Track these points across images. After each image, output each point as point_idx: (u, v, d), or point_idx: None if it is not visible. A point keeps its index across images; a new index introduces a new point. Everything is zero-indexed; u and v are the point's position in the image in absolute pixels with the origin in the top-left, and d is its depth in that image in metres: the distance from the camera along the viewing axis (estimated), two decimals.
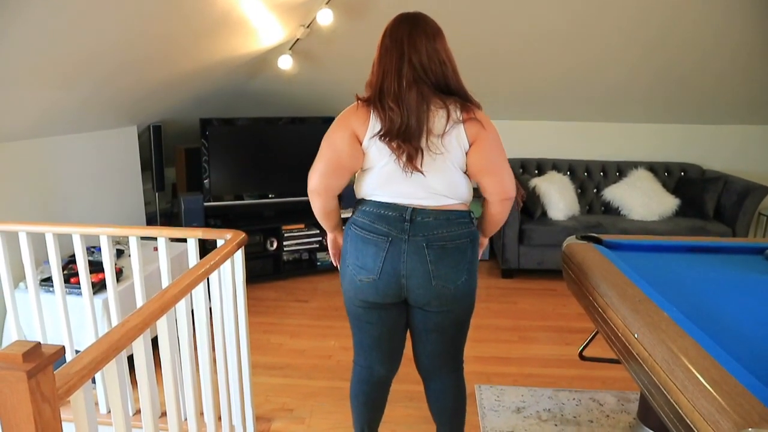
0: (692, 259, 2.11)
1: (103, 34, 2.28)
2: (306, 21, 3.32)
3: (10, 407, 0.90)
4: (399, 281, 1.69)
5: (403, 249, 1.67)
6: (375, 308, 1.78)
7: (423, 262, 1.67)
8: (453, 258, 1.69)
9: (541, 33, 3.51)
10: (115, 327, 1.24)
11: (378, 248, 1.68)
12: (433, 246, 1.66)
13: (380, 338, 1.86)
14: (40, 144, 2.85)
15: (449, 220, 1.68)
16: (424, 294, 1.71)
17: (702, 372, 1.17)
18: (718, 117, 4.58)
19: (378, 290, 1.72)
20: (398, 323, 1.85)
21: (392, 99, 1.60)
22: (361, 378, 1.95)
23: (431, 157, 1.64)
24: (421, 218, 1.66)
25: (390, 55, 1.63)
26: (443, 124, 1.62)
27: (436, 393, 1.95)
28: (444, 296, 1.71)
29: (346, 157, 1.68)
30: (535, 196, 4.22)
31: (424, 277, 1.68)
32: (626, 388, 2.66)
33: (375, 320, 1.81)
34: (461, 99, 1.66)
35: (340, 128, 1.68)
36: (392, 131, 1.60)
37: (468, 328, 1.89)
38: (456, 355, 1.92)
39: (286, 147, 4.17)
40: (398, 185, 1.67)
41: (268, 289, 4.03)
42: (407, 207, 1.67)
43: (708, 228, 4.06)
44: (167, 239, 2.16)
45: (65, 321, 2.30)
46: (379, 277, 1.69)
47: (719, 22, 3.32)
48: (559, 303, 3.78)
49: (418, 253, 1.66)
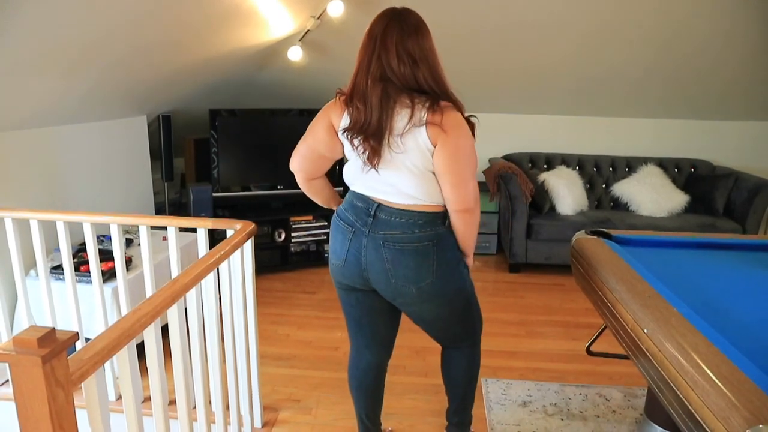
0: (702, 256, 2.10)
1: (113, 22, 2.29)
2: (317, 12, 3.31)
3: (26, 391, 0.91)
4: (361, 272, 1.74)
5: (363, 242, 1.70)
6: (351, 291, 1.84)
7: (381, 260, 1.69)
8: (413, 260, 1.67)
9: (557, 28, 3.48)
10: (127, 314, 1.24)
11: (344, 236, 1.75)
12: (389, 246, 1.67)
13: (361, 321, 1.91)
14: (51, 133, 2.86)
15: (410, 222, 1.66)
16: (385, 289, 1.74)
17: (712, 368, 1.16)
18: (729, 113, 4.55)
19: (344, 275, 1.79)
20: (378, 309, 1.86)
21: (359, 97, 1.62)
22: (353, 362, 2.02)
23: (391, 155, 1.63)
24: (384, 215, 1.68)
25: (365, 50, 1.64)
26: (404, 124, 1.59)
27: (446, 360, 2.01)
28: (407, 295, 1.72)
29: (323, 146, 1.75)
30: (544, 191, 4.20)
31: (383, 274, 1.70)
32: (633, 384, 2.66)
33: (353, 302, 1.87)
34: (431, 97, 1.59)
35: (321, 118, 1.74)
36: (355, 128, 1.63)
37: (467, 317, 1.88)
38: (459, 337, 1.94)
39: (295, 138, 4.12)
40: (367, 179, 1.70)
41: (276, 280, 4.05)
42: (374, 202, 1.70)
43: (718, 225, 4.04)
44: (177, 229, 2.17)
45: (75, 309, 2.32)
46: (344, 264, 1.76)
47: (733, 19, 3.29)
48: (566, 298, 3.77)
49: (377, 250, 1.68)
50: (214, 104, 4.19)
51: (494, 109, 4.72)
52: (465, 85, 4.41)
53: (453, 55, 3.92)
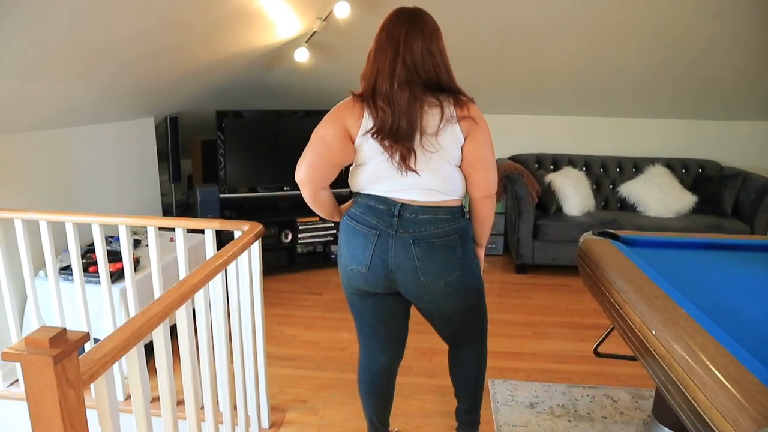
0: (710, 256, 2.09)
1: (122, 24, 2.30)
2: (323, 14, 3.32)
3: (37, 391, 0.92)
4: (388, 274, 1.72)
5: (390, 244, 1.69)
6: (369, 296, 1.81)
7: (410, 259, 1.68)
8: (442, 255, 1.69)
9: (564, 29, 3.48)
10: (136, 315, 1.25)
11: (367, 240, 1.71)
12: (420, 243, 1.67)
13: (376, 326, 1.90)
14: (59, 135, 2.88)
15: (437, 218, 1.68)
16: (413, 288, 1.73)
17: (721, 369, 1.16)
18: (736, 113, 4.52)
19: (368, 281, 1.75)
20: (394, 312, 1.87)
21: (383, 99, 1.61)
22: (364, 366, 2.00)
23: (426, 156, 1.64)
24: (409, 214, 1.68)
25: (384, 53, 1.63)
26: (437, 123, 1.61)
27: (456, 359, 2.02)
28: (434, 291, 1.73)
29: (335, 152, 1.69)
30: (551, 192, 4.20)
31: (412, 273, 1.69)
32: (641, 385, 2.65)
33: (370, 308, 1.85)
34: (454, 95, 1.65)
35: (331, 123, 1.69)
36: (384, 130, 1.61)
37: (480, 313, 1.92)
38: (471, 334, 1.95)
39: (302, 140, 4.14)
40: (390, 181, 1.68)
41: (282, 281, 4.06)
42: (396, 202, 1.69)
43: (725, 225, 4.02)
44: (185, 230, 2.18)
45: (84, 309, 2.33)
46: (369, 269, 1.72)
47: (739, 19, 3.27)
48: (573, 299, 3.76)
49: (406, 249, 1.68)
50: (221, 106, 4.21)
51: (501, 110, 4.71)
52: (472, 87, 4.40)
53: (461, 57, 3.92)
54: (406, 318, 1.94)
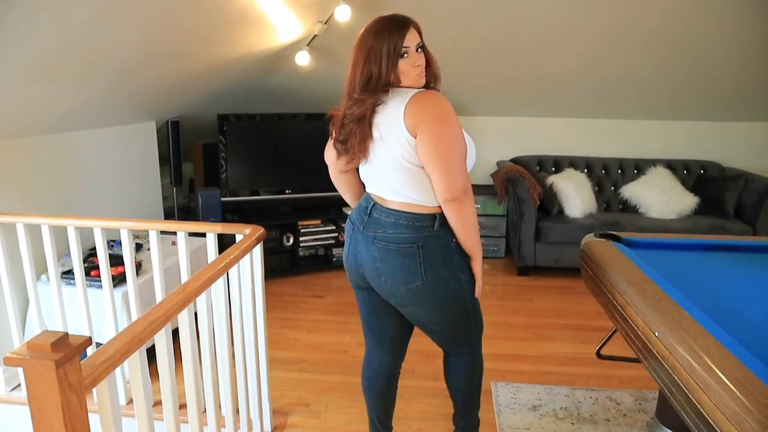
0: (712, 258, 2.09)
1: (123, 29, 2.31)
2: (324, 17, 3.32)
3: (39, 396, 0.92)
4: (358, 269, 1.78)
5: (359, 239, 1.74)
6: (360, 290, 1.88)
7: (371, 258, 1.71)
8: (398, 260, 1.65)
9: (565, 33, 3.48)
10: (138, 319, 1.25)
11: (347, 235, 1.82)
12: (379, 244, 1.68)
13: (369, 320, 1.94)
14: (61, 138, 2.89)
15: (398, 223, 1.65)
16: (377, 286, 1.76)
17: (725, 371, 1.16)
18: (739, 114, 4.52)
19: (349, 272, 1.84)
20: (380, 306, 1.86)
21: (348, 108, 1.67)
22: (365, 362, 2.04)
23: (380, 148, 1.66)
24: (376, 214, 1.71)
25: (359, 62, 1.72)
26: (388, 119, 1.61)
27: (447, 366, 2.02)
28: (397, 295, 1.72)
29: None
30: (552, 194, 4.19)
31: (374, 271, 1.72)
32: (644, 387, 2.64)
33: (361, 301, 1.91)
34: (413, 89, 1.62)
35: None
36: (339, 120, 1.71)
37: (464, 325, 1.83)
38: (456, 345, 1.93)
39: (303, 143, 4.18)
40: (368, 177, 1.75)
41: (284, 284, 4.06)
42: (372, 200, 1.74)
43: (727, 227, 4.01)
44: (186, 234, 2.18)
45: (86, 313, 2.33)
46: (347, 261, 1.83)
47: (740, 20, 3.27)
48: (575, 301, 3.75)
49: (368, 248, 1.71)
50: (223, 109, 4.21)
51: (502, 112, 4.71)
52: (473, 89, 4.41)
53: (463, 60, 3.94)
54: (400, 318, 1.87)
